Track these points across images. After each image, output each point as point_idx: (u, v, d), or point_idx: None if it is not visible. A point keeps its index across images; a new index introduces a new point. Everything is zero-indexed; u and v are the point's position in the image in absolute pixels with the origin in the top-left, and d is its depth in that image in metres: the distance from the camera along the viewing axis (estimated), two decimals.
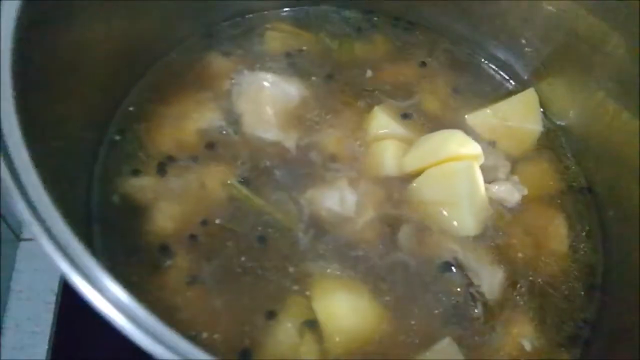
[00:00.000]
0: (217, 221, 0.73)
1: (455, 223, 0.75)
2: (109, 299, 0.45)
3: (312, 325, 0.67)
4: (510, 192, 0.79)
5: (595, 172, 0.85)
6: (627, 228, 0.77)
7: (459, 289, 0.71)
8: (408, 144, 0.81)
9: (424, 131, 0.84)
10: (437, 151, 0.77)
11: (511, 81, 0.95)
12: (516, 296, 0.73)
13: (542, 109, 0.90)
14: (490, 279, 0.72)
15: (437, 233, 0.75)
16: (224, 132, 0.81)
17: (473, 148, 0.78)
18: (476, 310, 0.70)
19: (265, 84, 0.84)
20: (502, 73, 0.95)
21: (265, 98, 0.83)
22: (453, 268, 0.73)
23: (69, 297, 0.86)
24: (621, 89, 0.78)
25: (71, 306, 0.85)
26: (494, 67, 0.95)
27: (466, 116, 0.87)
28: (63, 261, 0.45)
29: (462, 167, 0.75)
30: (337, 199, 0.75)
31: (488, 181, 0.79)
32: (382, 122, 0.83)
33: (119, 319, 0.44)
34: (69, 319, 0.86)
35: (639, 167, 0.74)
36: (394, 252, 0.73)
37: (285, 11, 0.96)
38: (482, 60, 0.96)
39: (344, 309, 0.68)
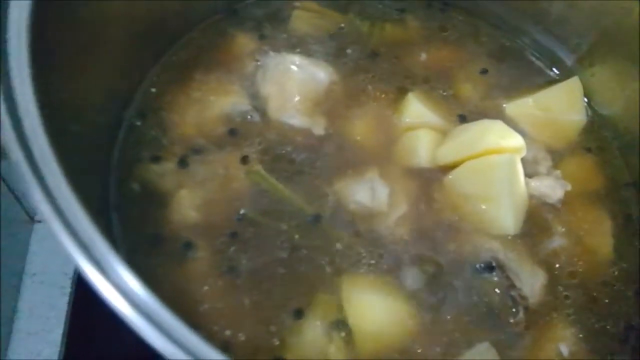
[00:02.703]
0: (242, 211, 0.70)
1: (494, 220, 0.70)
2: (123, 291, 0.42)
3: (341, 325, 0.64)
4: (552, 188, 0.75)
5: None
6: None
7: (497, 291, 0.68)
8: (443, 134, 0.77)
9: (460, 121, 0.80)
10: (475, 143, 0.72)
11: (554, 69, 0.90)
12: (558, 299, 0.69)
13: (586, 99, 0.85)
14: (531, 281, 0.68)
15: (474, 231, 0.71)
16: (249, 117, 0.78)
17: (515, 140, 0.73)
18: (516, 313, 0.66)
19: (293, 67, 0.80)
20: (544, 60, 0.90)
21: (292, 82, 0.79)
22: (493, 268, 0.69)
23: (84, 281, 0.84)
24: None
25: (86, 290, 0.83)
26: (536, 53, 0.90)
27: (505, 105, 0.83)
28: (74, 247, 0.43)
29: (502, 160, 0.71)
30: (367, 192, 0.72)
31: (528, 175, 0.75)
32: (416, 110, 0.79)
33: (130, 314, 0.42)
34: (84, 303, 0.85)
35: None
36: (429, 249, 0.70)
37: None
38: (524, 46, 0.91)
39: (374, 308, 0.65)
